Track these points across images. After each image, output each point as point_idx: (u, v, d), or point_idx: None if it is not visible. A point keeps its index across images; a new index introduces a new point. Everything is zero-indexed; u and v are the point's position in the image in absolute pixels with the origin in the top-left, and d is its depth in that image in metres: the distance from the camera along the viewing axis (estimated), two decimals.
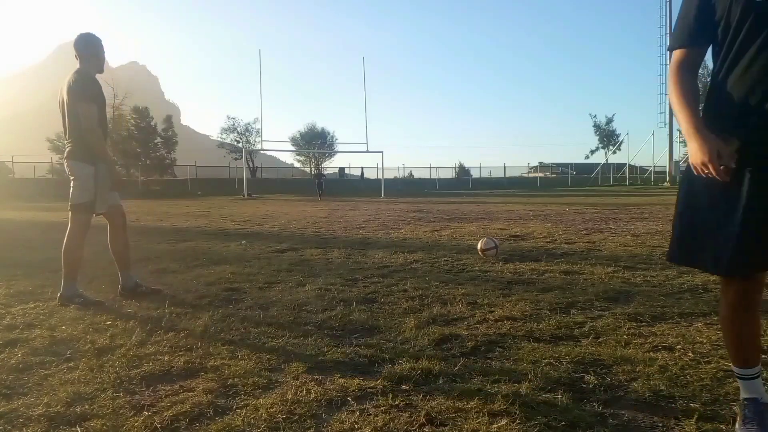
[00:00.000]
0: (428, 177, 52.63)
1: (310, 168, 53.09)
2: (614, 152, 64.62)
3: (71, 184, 3.83)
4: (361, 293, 3.86)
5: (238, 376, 2.28)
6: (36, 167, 41.21)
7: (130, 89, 50.84)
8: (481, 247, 5.47)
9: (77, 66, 3.84)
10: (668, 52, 1.69)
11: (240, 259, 5.67)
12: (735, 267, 1.55)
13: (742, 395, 1.76)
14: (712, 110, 1.63)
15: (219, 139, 57.16)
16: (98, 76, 3.96)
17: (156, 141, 51.76)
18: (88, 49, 3.85)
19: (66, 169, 3.90)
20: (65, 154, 3.88)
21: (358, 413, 1.93)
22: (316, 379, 2.26)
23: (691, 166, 1.55)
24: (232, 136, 56.88)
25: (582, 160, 68.90)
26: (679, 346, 2.58)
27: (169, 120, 53.89)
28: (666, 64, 51.54)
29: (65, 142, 3.88)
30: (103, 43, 3.94)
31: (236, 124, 56.35)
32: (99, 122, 3.80)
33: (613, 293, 3.70)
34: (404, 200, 22.30)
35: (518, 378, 2.21)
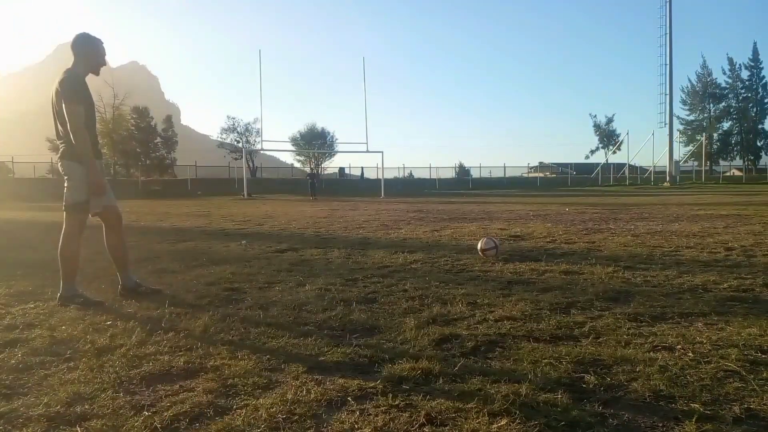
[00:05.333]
0: (428, 177, 52.57)
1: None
2: (614, 152, 64.81)
3: (65, 185, 3.82)
4: (361, 293, 3.86)
5: (238, 376, 2.28)
6: (36, 167, 41.18)
7: (130, 89, 50.77)
8: (481, 247, 5.47)
9: (68, 66, 3.83)
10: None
11: (240, 259, 5.67)
12: None
13: None
14: None
15: (219, 139, 57.05)
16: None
17: (156, 141, 51.74)
18: (82, 48, 3.83)
19: (60, 169, 3.89)
20: (59, 155, 3.87)
21: (358, 413, 1.93)
22: (316, 379, 2.26)
23: None
24: (232, 136, 56.81)
25: (582, 160, 69.07)
26: (679, 346, 2.58)
27: (169, 120, 53.88)
28: (666, 64, 51.48)
29: (59, 142, 3.86)
30: (102, 42, 3.92)
31: (236, 124, 56.27)
32: (86, 123, 3.76)
33: (613, 293, 3.70)
34: (404, 200, 22.29)
35: (518, 378, 2.21)
